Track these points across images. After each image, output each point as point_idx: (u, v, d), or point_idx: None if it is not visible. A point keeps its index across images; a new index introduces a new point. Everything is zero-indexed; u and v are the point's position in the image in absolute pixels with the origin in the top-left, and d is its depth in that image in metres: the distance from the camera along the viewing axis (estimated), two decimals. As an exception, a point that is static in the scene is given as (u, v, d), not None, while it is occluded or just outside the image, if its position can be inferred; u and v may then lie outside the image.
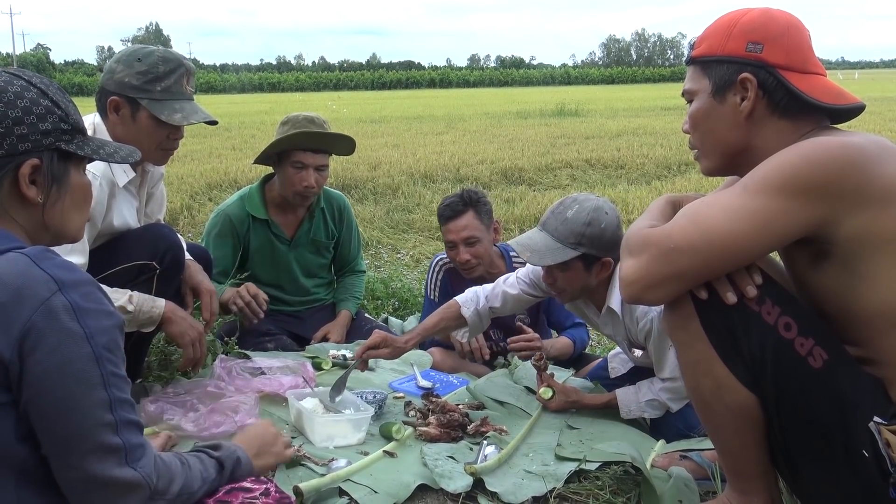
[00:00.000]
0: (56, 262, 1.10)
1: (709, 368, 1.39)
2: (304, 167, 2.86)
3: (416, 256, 5.18)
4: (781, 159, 1.30)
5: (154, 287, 2.15)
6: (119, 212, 2.18)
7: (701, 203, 1.37)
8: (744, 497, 1.48)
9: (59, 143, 1.19)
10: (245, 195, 3.04)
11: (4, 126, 1.14)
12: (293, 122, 2.89)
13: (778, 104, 1.40)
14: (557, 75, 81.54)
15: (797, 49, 1.41)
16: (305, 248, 3.05)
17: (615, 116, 17.33)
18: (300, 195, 2.91)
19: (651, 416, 2.22)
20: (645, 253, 1.34)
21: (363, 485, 1.80)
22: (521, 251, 2.14)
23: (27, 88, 1.18)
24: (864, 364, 1.33)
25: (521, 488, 1.80)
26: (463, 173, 8.38)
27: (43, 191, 1.18)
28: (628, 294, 1.39)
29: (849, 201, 1.25)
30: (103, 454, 1.08)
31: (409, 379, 2.59)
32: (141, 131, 2.10)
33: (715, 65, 1.44)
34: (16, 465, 1.07)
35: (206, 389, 2.24)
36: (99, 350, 1.08)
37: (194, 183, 7.63)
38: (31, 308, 1.04)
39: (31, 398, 1.05)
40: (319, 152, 2.88)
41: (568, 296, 2.25)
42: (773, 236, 1.29)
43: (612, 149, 10.36)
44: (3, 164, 1.14)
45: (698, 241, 1.30)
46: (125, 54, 2.13)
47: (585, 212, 2.10)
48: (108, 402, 1.09)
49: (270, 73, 79.30)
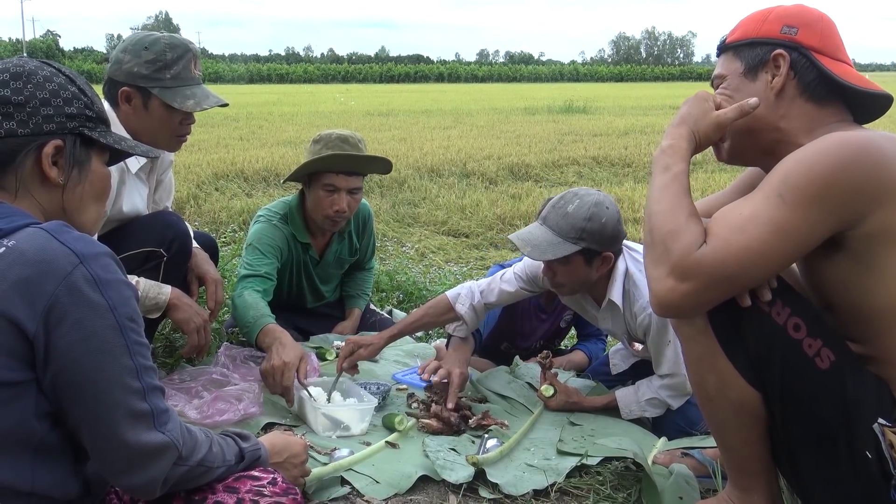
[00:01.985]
0: (74, 235, 1.12)
1: (713, 364, 1.39)
2: (335, 190, 2.66)
3: (420, 250, 5.19)
4: (812, 163, 1.28)
5: (161, 274, 2.16)
6: (129, 198, 2.19)
7: (745, 220, 1.29)
8: (745, 494, 1.49)
9: (82, 128, 1.22)
10: (287, 215, 2.81)
11: (31, 106, 1.17)
12: (326, 141, 2.69)
13: (808, 85, 1.42)
14: (566, 72, 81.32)
15: (830, 36, 1.44)
16: (330, 266, 2.99)
17: (623, 114, 17.28)
18: (330, 219, 2.72)
19: (652, 415, 2.22)
20: (694, 280, 1.29)
21: (365, 475, 1.81)
22: (521, 246, 2.12)
23: (56, 74, 1.22)
24: (869, 362, 1.33)
25: (522, 481, 1.81)
26: (469, 168, 8.37)
27: (64, 173, 1.20)
28: (666, 314, 1.37)
29: (872, 201, 1.25)
30: (134, 421, 1.10)
31: (412, 371, 2.60)
32: (154, 120, 2.11)
33: (748, 47, 1.47)
34: (33, 443, 1.08)
35: (211, 377, 2.25)
36: (122, 320, 1.10)
37: (201, 172, 7.64)
38: (55, 282, 1.06)
39: (58, 372, 1.07)
40: (353, 174, 2.69)
41: (567, 290, 2.25)
42: (810, 246, 1.30)
43: (620, 146, 10.33)
44: (28, 143, 1.17)
45: (753, 269, 1.29)
46: (131, 43, 2.13)
47: (586, 206, 2.09)
48: (134, 370, 1.11)
49: (279, 64, 79.18)
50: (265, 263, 2.66)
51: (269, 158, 8.57)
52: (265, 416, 2.12)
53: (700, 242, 1.30)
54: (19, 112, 1.16)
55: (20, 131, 1.16)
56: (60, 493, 1.12)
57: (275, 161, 8.37)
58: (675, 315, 1.39)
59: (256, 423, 2.08)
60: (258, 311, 2.41)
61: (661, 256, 1.33)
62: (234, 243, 4.73)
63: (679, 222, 1.33)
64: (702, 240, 1.30)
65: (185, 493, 1.31)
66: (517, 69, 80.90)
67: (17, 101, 1.16)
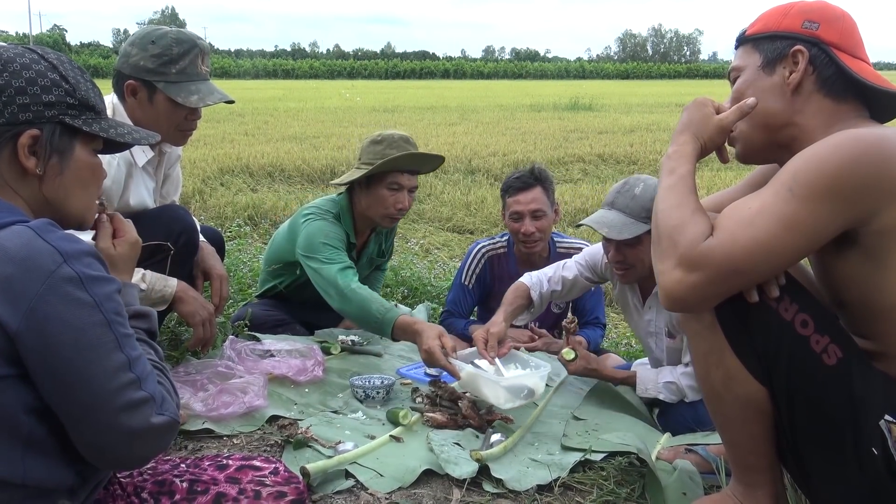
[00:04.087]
0: (59, 234, 1.11)
1: (720, 359, 1.39)
2: (400, 189, 2.74)
3: (425, 246, 5.19)
4: (823, 158, 1.28)
5: (168, 268, 2.17)
6: (136, 192, 2.20)
7: (755, 213, 1.30)
8: (748, 490, 1.49)
9: (62, 116, 1.19)
10: (339, 214, 2.81)
11: (7, 95, 1.14)
12: (389, 141, 2.74)
13: (825, 81, 1.41)
14: (572, 69, 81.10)
15: (850, 34, 1.44)
16: (364, 267, 3.02)
17: (629, 112, 17.24)
18: (390, 218, 2.79)
19: (666, 399, 2.23)
20: (701, 272, 1.29)
21: (369, 468, 1.82)
22: (598, 227, 2.21)
23: (37, 62, 1.19)
24: (880, 359, 1.33)
25: (526, 476, 1.82)
26: (475, 165, 8.37)
27: (42, 162, 1.17)
28: (673, 307, 1.37)
29: (884, 198, 1.25)
30: (133, 409, 1.11)
31: (417, 366, 2.60)
32: (159, 114, 2.12)
33: (768, 41, 1.47)
34: (23, 436, 1.09)
35: (216, 370, 2.26)
36: (109, 315, 1.11)
37: (206, 168, 7.66)
38: (39, 281, 1.05)
39: (48, 370, 1.07)
40: (416, 173, 2.80)
41: (632, 274, 2.29)
42: (820, 241, 1.29)
43: (626, 144, 10.32)
44: (2, 133, 1.15)
45: (761, 262, 1.28)
46: (139, 37, 2.14)
47: (651, 188, 2.19)
48: (126, 362, 1.11)
49: (285, 60, 79.22)
50: (345, 257, 2.66)
51: (275, 154, 8.58)
52: (270, 408, 2.13)
53: (706, 234, 1.31)
54: None
55: None
56: (53, 484, 1.12)
57: (280, 157, 8.39)
58: (683, 308, 1.39)
59: (261, 416, 2.09)
60: (380, 304, 2.43)
61: (667, 249, 1.34)
62: (239, 238, 4.75)
63: (685, 216, 1.34)
64: (708, 232, 1.31)
65: (188, 482, 1.32)
66: (523, 66, 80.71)
67: None
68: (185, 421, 1.99)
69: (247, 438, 2.00)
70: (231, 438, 2.00)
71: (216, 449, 1.93)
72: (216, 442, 1.98)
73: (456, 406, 2.15)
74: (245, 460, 1.42)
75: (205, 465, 1.39)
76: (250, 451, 1.91)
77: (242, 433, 2.02)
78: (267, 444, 1.97)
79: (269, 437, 2.00)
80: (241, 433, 2.01)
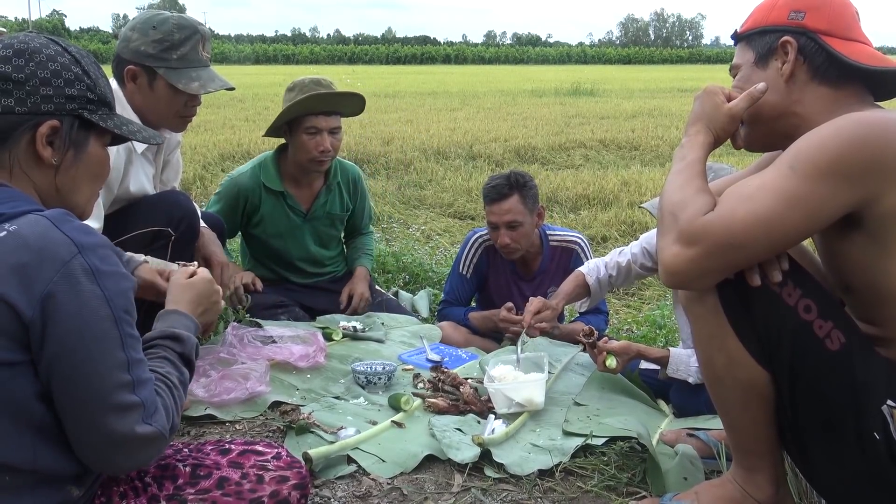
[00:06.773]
0: (75, 225, 1.11)
1: (723, 343, 1.39)
2: (318, 132, 2.82)
3: (426, 232, 5.19)
4: (825, 138, 1.28)
5: (169, 253, 2.17)
6: (136, 177, 2.19)
7: (754, 189, 1.30)
8: (749, 474, 1.49)
9: (82, 110, 1.21)
10: (260, 164, 2.99)
11: (31, 85, 1.16)
12: (300, 86, 2.84)
13: (818, 69, 1.41)
14: (574, 54, 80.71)
15: (840, 17, 1.43)
16: (320, 222, 3.05)
17: (631, 97, 17.17)
18: (316, 161, 2.86)
19: (694, 381, 2.21)
20: (699, 245, 1.30)
21: (371, 453, 1.83)
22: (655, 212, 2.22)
23: (61, 54, 1.20)
24: (882, 345, 1.33)
25: (527, 461, 1.82)
26: (476, 150, 8.34)
27: (58, 153, 1.19)
28: (672, 282, 1.37)
29: (888, 181, 1.24)
30: (122, 413, 1.10)
31: (418, 352, 2.61)
32: (159, 100, 2.11)
33: (758, 36, 1.47)
34: (34, 423, 1.09)
35: (218, 356, 2.27)
36: (118, 312, 1.11)
37: (207, 153, 7.65)
38: (53, 270, 1.06)
39: (52, 359, 1.07)
40: (332, 114, 2.84)
41: None
42: (821, 221, 1.29)
43: (627, 129, 10.28)
44: (24, 121, 1.16)
45: (760, 237, 1.28)
46: (140, 21, 2.12)
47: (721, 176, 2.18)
48: (125, 363, 1.11)
49: (285, 45, 78.83)
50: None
51: (276, 140, 8.55)
52: (273, 394, 2.14)
53: (707, 210, 1.31)
54: (18, 90, 1.15)
55: (17, 109, 1.15)
56: (62, 471, 1.12)
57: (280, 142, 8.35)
58: (682, 284, 1.38)
59: (263, 402, 2.10)
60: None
61: (669, 225, 1.35)
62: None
63: (687, 195, 1.35)
64: (709, 209, 1.31)
65: (191, 467, 1.32)
66: (524, 51, 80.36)
67: (18, 78, 1.15)
68: (188, 407, 2.00)
69: (249, 424, 2.01)
70: (233, 424, 2.01)
71: (218, 434, 1.94)
72: (218, 427, 1.99)
73: (458, 392, 2.16)
74: (247, 445, 1.42)
75: (207, 450, 1.40)
76: (252, 437, 1.92)
77: (245, 419, 2.02)
78: (269, 430, 1.98)
79: (271, 423, 2.01)
80: (244, 419, 2.02)
